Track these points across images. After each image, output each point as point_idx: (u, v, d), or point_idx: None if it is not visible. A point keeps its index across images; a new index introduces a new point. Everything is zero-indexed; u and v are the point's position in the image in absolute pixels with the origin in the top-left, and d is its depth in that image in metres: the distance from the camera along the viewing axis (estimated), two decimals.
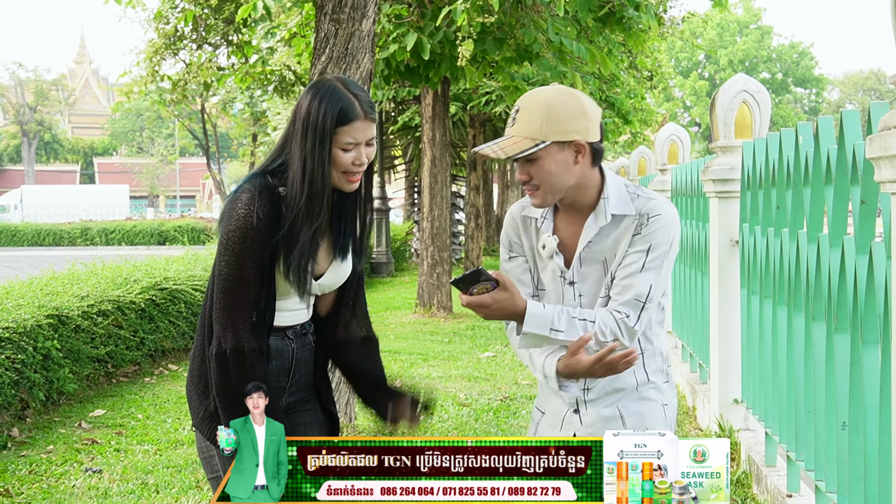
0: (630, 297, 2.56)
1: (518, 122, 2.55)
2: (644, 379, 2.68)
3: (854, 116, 3.55)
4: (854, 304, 3.45)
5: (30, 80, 68.44)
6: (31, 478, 5.40)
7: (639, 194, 2.64)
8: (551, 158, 2.54)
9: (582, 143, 2.54)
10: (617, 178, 2.67)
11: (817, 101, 65.91)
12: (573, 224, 2.66)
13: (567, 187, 2.57)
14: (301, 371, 2.81)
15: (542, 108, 2.53)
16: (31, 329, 6.58)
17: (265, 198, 2.60)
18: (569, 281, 2.65)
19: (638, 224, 2.59)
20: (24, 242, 36.73)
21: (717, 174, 5.77)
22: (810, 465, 4.10)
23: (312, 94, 2.64)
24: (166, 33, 14.47)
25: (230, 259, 2.60)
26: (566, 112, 2.53)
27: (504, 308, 2.51)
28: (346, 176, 2.65)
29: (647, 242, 2.58)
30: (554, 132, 2.52)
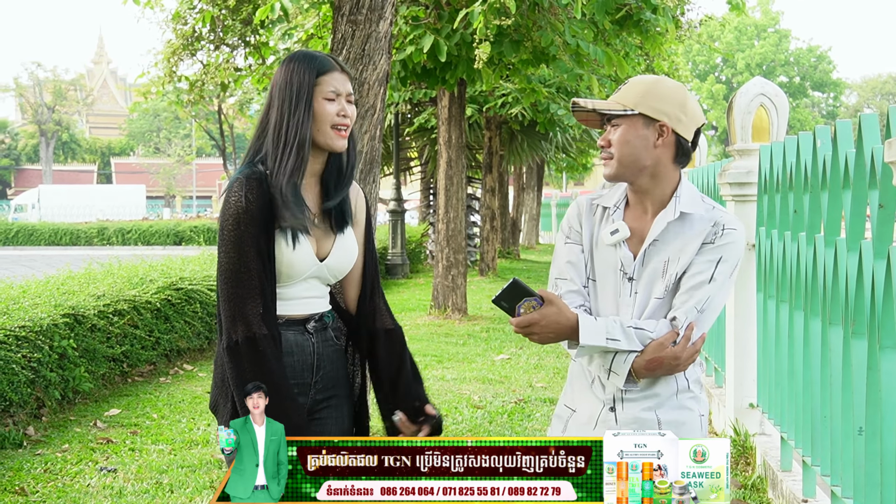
0: (690, 306, 2.55)
1: (621, 91, 2.61)
2: (685, 386, 2.65)
3: (873, 120, 3.54)
4: (871, 309, 3.43)
5: (48, 80, 68.80)
6: (46, 476, 5.42)
7: (715, 206, 2.64)
8: (634, 130, 2.57)
9: (667, 126, 2.56)
10: (694, 187, 2.67)
11: (835, 105, 65.63)
12: (643, 220, 2.65)
13: (640, 167, 2.58)
14: (326, 367, 2.79)
15: (647, 83, 2.59)
16: (48, 328, 6.60)
17: (254, 183, 2.62)
18: (629, 276, 2.63)
19: (711, 233, 2.59)
20: (42, 242, 36.90)
21: (734, 177, 5.75)
22: (826, 471, 4.08)
23: (285, 63, 2.72)
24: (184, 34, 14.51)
25: (228, 248, 2.61)
26: (665, 94, 2.58)
27: (555, 322, 2.50)
28: (334, 131, 2.68)
29: (719, 254, 2.57)
30: (645, 105, 2.56)
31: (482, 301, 14.03)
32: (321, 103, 2.68)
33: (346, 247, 2.78)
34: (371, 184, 5.75)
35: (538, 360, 9.25)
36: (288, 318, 2.72)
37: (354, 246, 2.81)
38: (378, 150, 5.79)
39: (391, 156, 19.03)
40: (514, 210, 26.27)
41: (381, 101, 5.73)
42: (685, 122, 2.59)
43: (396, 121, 17.74)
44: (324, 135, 2.69)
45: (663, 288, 2.60)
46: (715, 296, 2.57)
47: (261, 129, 2.73)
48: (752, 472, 5.36)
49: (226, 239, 2.61)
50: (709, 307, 2.57)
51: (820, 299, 4.17)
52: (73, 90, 71.62)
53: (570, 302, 2.65)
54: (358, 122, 5.63)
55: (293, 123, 2.65)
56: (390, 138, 18.46)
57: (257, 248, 2.60)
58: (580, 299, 2.67)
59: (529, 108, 14.75)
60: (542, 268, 21.05)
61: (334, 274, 2.78)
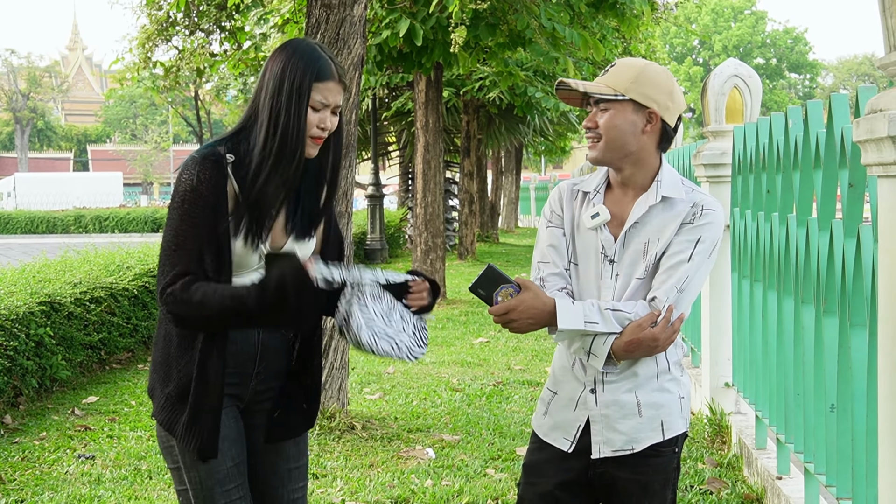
0: (670, 285, 2.56)
1: (609, 73, 2.62)
2: (665, 368, 2.66)
3: (843, 100, 3.56)
4: (842, 288, 3.47)
5: (22, 68, 68.25)
6: (23, 464, 5.41)
7: (693, 188, 2.66)
8: (623, 115, 2.59)
9: (657, 113, 2.59)
10: (675, 171, 2.69)
11: (811, 87, 65.93)
12: (623, 203, 2.66)
13: (626, 152, 2.60)
14: (270, 358, 2.72)
15: (637, 69, 2.60)
16: (24, 316, 6.58)
17: (209, 163, 2.54)
18: (609, 258, 2.63)
19: (690, 213, 2.60)
20: (18, 230, 36.66)
21: (709, 159, 5.78)
22: (800, 448, 4.12)
23: (289, 52, 2.61)
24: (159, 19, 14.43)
25: (170, 224, 2.55)
26: (656, 81, 2.59)
27: (532, 308, 2.51)
28: (308, 139, 2.60)
29: (698, 234, 2.59)
30: (636, 92, 2.57)
31: (461, 285, 14.05)
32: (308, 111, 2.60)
33: (303, 246, 2.71)
34: (347, 168, 5.75)
35: (516, 342, 9.29)
36: None
37: (311, 245, 2.75)
38: (354, 134, 5.79)
39: (369, 140, 18.99)
40: (493, 194, 26.29)
41: (357, 86, 5.72)
42: (672, 110, 2.62)
43: (374, 105, 17.69)
44: None
45: (643, 269, 2.61)
46: (693, 275, 2.58)
47: (250, 110, 2.64)
48: (727, 450, 5.41)
49: (171, 215, 2.55)
50: (687, 287, 2.58)
51: (792, 278, 4.21)
52: (48, 77, 71.08)
53: (552, 284, 2.67)
54: None
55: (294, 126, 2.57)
56: (368, 123, 18.43)
57: (196, 230, 2.52)
58: (562, 282, 2.68)
59: (507, 91, 14.73)
60: (521, 251, 21.09)
61: None
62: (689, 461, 5.25)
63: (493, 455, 5.45)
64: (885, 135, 2.57)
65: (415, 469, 5.19)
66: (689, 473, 5.03)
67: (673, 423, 2.67)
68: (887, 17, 2.58)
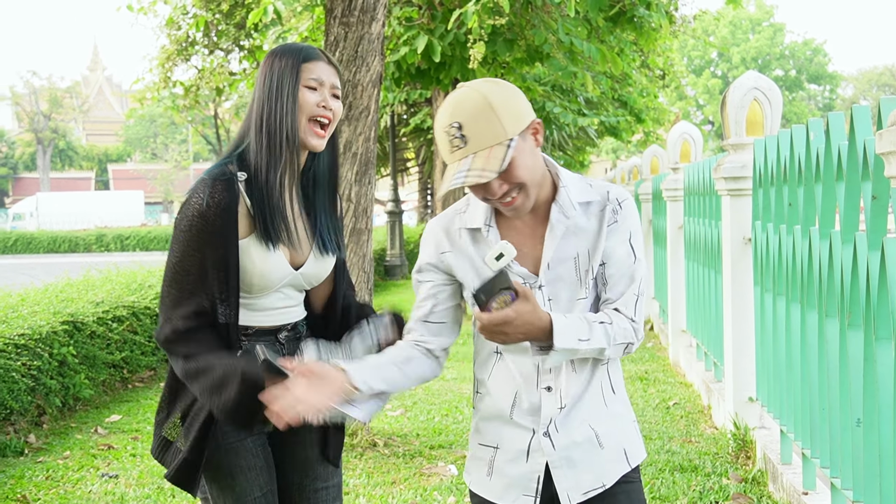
0: (629, 295, 2.34)
1: (471, 137, 2.18)
2: (610, 391, 2.39)
3: (865, 112, 3.54)
4: (867, 301, 3.44)
5: (44, 88, 68.81)
6: (47, 484, 5.43)
7: (591, 183, 2.40)
8: (522, 153, 2.22)
9: (536, 120, 2.26)
10: (565, 170, 2.40)
11: (831, 98, 65.67)
12: (527, 226, 2.35)
13: (539, 177, 2.29)
14: None
15: (487, 108, 2.19)
16: (47, 335, 6.61)
17: (219, 185, 2.47)
18: (538, 285, 2.32)
19: (611, 211, 2.34)
20: (40, 250, 36.91)
21: (729, 172, 5.75)
22: (826, 463, 4.08)
23: (268, 57, 2.60)
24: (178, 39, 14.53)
25: (175, 248, 2.50)
26: (509, 100, 2.22)
27: (528, 323, 2.19)
28: (311, 125, 2.54)
29: (627, 230, 2.35)
30: (514, 124, 2.20)
31: None
32: (302, 91, 2.53)
33: (324, 263, 2.66)
34: (367, 185, 5.75)
35: None
36: (258, 328, 2.59)
37: (332, 263, 2.69)
38: (373, 151, 5.80)
39: (388, 157, 19.04)
40: None
41: (375, 103, 5.73)
42: (529, 106, 2.28)
43: (392, 122, 17.75)
44: (302, 130, 2.53)
45: (582, 287, 2.34)
46: (644, 272, 2.38)
47: (245, 123, 2.60)
48: (752, 465, 5.37)
49: (177, 238, 2.50)
50: (643, 289, 2.37)
51: (816, 292, 4.18)
52: (69, 98, 71.63)
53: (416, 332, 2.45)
54: (353, 123, 5.64)
55: (277, 114, 2.50)
56: (386, 139, 18.47)
57: (201, 254, 2.46)
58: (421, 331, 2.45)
59: None
60: None
61: (310, 282, 2.66)
62: (714, 476, 5.21)
63: None
64: None
65: (437, 486, 5.17)
66: (714, 489, 4.99)
67: (635, 450, 2.42)
68: None
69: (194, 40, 14.54)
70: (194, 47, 14.70)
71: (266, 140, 2.52)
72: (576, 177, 2.39)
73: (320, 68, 2.56)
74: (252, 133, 2.55)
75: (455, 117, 2.19)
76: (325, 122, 2.56)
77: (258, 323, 2.59)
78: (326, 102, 2.55)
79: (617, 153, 51.85)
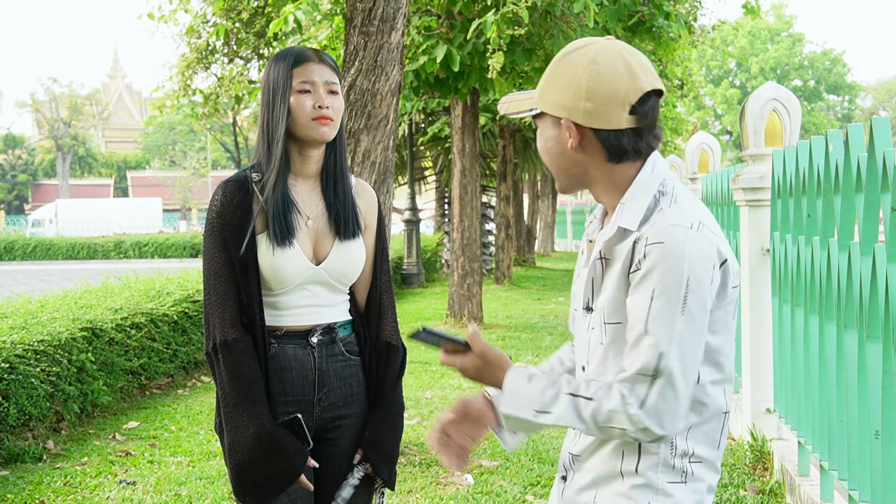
0: (632, 372, 1.86)
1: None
2: (631, 469, 1.95)
3: (884, 123, 3.54)
4: (886, 312, 3.43)
5: (64, 96, 69.30)
6: (65, 490, 5.46)
7: (662, 207, 1.91)
8: (545, 132, 1.99)
9: (570, 121, 1.93)
10: (654, 178, 1.96)
11: (850, 109, 65.40)
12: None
13: (575, 175, 1.99)
14: (333, 384, 2.63)
15: (552, 65, 1.96)
16: (66, 342, 6.65)
17: (231, 185, 2.59)
18: (586, 306, 2.04)
19: (633, 255, 1.89)
20: (59, 256, 37.09)
21: (748, 182, 5.74)
22: (843, 475, 4.07)
23: (269, 62, 2.67)
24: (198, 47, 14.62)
25: (205, 255, 2.59)
26: (561, 79, 1.94)
27: (479, 377, 2.02)
28: (316, 122, 2.58)
29: (651, 284, 1.85)
30: (543, 100, 1.97)
31: (498, 309, 14.03)
32: (295, 96, 2.57)
33: (349, 250, 2.65)
34: (385, 194, 5.77)
35: None
36: (287, 329, 2.60)
37: (360, 250, 2.67)
38: (392, 160, 5.82)
39: (405, 165, 19.07)
40: (529, 218, 26.27)
41: (394, 112, 5.75)
42: (597, 110, 1.90)
43: (410, 130, 17.78)
44: (303, 128, 2.57)
45: (596, 329, 1.98)
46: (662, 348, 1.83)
47: (259, 129, 2.68)
48: (769, 476, 5.35)
49: (204, 245, 2.59)
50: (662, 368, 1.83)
51: (834, 303, 4.17)
52: (89, 105, 72.09)
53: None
54: (371, 132, 5.66)
55: (271, 122, 2.58)
56: (404, 148, 18.51)
57: (227, 254, 2.55)
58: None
59: None
60: (558, 276, 21.03)
61: (338, 279, 2.64)
62: (731, 488, 5.20)
63: (532, 481, 5.42)
64: None
65: (454, 495, 5.18)
66: (731, 500, 4.97)
67: None
68: None
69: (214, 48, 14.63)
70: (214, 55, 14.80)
71: (266, 146, 2.60)
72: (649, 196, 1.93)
73: (310, 69, 2.60)
74: (258, 138, 2.65)
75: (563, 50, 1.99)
76: (327, 118, 2.60)
77: (286, 323, 2.61)
78: (322, 101, 2.59)
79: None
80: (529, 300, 15.82)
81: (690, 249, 1.85)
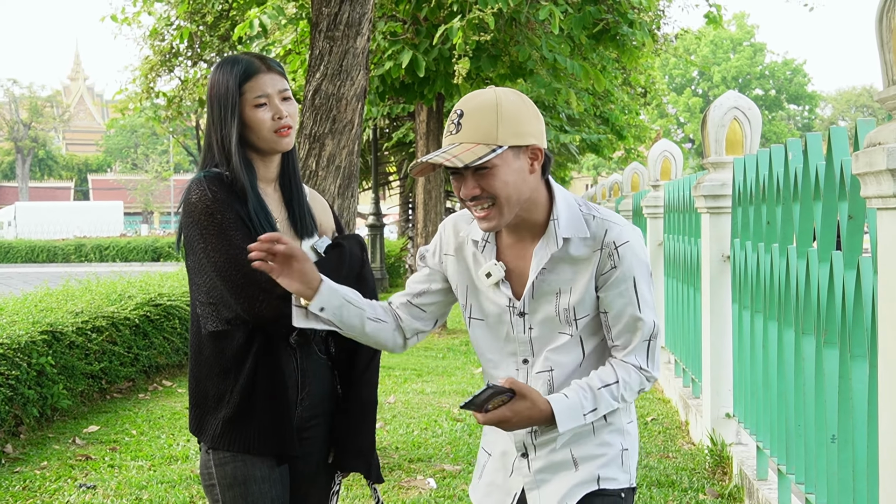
0: (637, 343, 2.32)
1: (465, 127, 2.21)
2: (602, 421, 2.36)
3: (842, 133, 3.60)
4: (842, 319, 3.48)
5: (24, 97, 68.50)
6: (24, 494, 5.41)
7: (594, 215, 2.31)
8: (507, 166, 2.21)
9: (539, 147, 2.25)
10: (567, 193, 2.35)
11: (810, 118, 66.13)
12: (519, 247, 2.36)
13: (523, 201, 2.26)
14: (313, 384, 2.67)
15: (493, 109, 2.21)
16: (26, 345, 6.58)
17: (215, 179, 2.54)
18: (519, 312, 2.35)
19: (605, 258, 2.28)
20: (18, 259, 36.69)
21: (709, 190, 5.81)
22: (801, 479, 4.13)
23: (215, 69, 2.62)
24: (162, 50, 14.53)
25: (212, 240, 2.50)
26: (519, 113, 2.23)
27: (527, 418, 2.23)
28: (277, 134, 2.58)
29: (629, 277, 2.29)
30: (509, 135, 2.20)
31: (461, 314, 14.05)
32: (252, 111, 2.57)
33: (308, 241, 2.70)
34: (350, 199, 5.77)
35: None
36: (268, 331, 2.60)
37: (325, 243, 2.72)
38: (356, 164, 5.82)
39: (370, 170, 19.06)
40: None
41: (359, 117, 5.76)
42: (543, 133, 2.28)
43: (375, 135, 17.78)
44: (265, 141, 2.58)
45: (563, 322, 2.33)
46: (652, 315, 2.33)
47: (207, 137, 2.64)
48: (728, 481, 5.41)
49: (205, 234, 2.50)
50: (655, 332, 2.34)
51: (793, 309, 4.23)
52: (50, 107, 71.32)
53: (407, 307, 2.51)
54: (336, 137, 5.66)
55: (225, 138, 2.56)
56: (368, 153, 18.50)
57: (244, 230, 2.50)
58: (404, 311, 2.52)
59: None
60: None
61: None
62: (691, 492, 5.25)
63: None
64: (884, 168, 2.60)
65: (416, 499, 5.19)
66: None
67: (611, 477, 2.36)
68: (886, 52, 2.62)
69: (178, 51, 14.54)
70: (178, 58, 14.70)
71: (225, 160, 2.58)
72: (577, 208, 2.32)
73: (262, 82, 2.58)
74: (212, 148, 2.62)
75: (463, 105, 2.25)
76: (287, 128, 2.60)
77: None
78: (279, 112, 2.59)
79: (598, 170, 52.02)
80: None
81: (640, 239, 2.34)
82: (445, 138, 2.26)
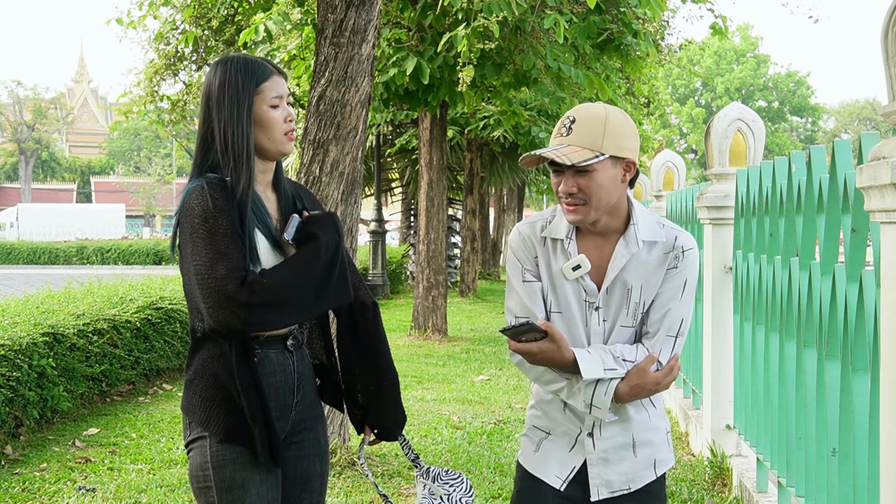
0: (663, 335, 2.61)
1: (575, 132, 2.51)
2: (651, 404, 2.70)
3: (846, 146, 3.60)
4: (844, 332, 3.48)
5: (28, 99, 68.58)
6: (24, 496, 5.40)
7: (663, 224, 2.64)
8: (605, 172, 2.51)
9: (632, 161, 2.55)
10: (643, 206, 2.66)
11: (813, 130, 66.16)
12: (599, 248, 2.62)
13: (610, 205, 2.55)
14: (306, 387, 2.71)
15: (601, 121, 2.51)
16: (27, 347, 6.59)
17: (216, 186, 2.50)
18: (595, 306, 2.61)
19: (672, 258, 2.60)
20: (20, 260, 36.70)
21: (712, 201, 5.81)
22: (801, 491, 4.12)
23: (221, 67, 2.59)
24: (167, 54, 14.55)
25: (199, 245, 2.46)
26: (623, 129, 2.53)
27: (551, 359, 2.53)
28: (286, 136, 2.60)
29: (683, 277, 2.60)
30: (612, 146, 2.50)
31: (462, 322, 14.05)
32: (267, 112, 2.58)
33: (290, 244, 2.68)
34: (352, 205, 5.78)
35: (517, 381, 9.28)
36: (269, 334, 2.61)
37: None
38: (360, 171, 5.83)
39: (372, 177, 19.07)
40: (495, 231, 26.35)
41: (363, 123, 5.77)
42: (638, 149, 2.60)
43: (378, 142, 17.79)
44: (275, 142, 2.59)
45: (629, 316, 2.62)
46: (686, 317, 2.62)
47: (203, 139, 2.60)
48: (728, 493, 5.40)
49: (195, 238, 2.46)
50: (682, 330, 2.62)
51: (795, 322, 4.23)
52: (54, 109, 71.40)
53: None
54: (340, 143, 5.67)
55: (239, 136, 2.54)
56: (371, 159, 18.51)
57: (234, 238, 2.46)
58: None
59: (510, 130, 14.83)
60: None
61: None
62: (690, 503, 5.24)
63: (494, 493, 5.44)
64: (888, 182, 2.60)
65: None
66: None
67: (664, 459, 2.72)
68: (891, 66, 2.62)
69: (183, 55, 14.57)
70: (182, 62, 14.72)
71: (233, 160, 2.55)
72: (650, 217, 2.63)
73: (276, 84, 2.61)
74: (218, 153, 2.57)
75: (575, 113, 2.54)
76: (293, 131, 2.64)
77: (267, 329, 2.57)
78: (290, 114, 2.63)
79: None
80: (493, 313, 15.85)
81: (698, 259, 2.65)
82: (554, 139, 2.55)
